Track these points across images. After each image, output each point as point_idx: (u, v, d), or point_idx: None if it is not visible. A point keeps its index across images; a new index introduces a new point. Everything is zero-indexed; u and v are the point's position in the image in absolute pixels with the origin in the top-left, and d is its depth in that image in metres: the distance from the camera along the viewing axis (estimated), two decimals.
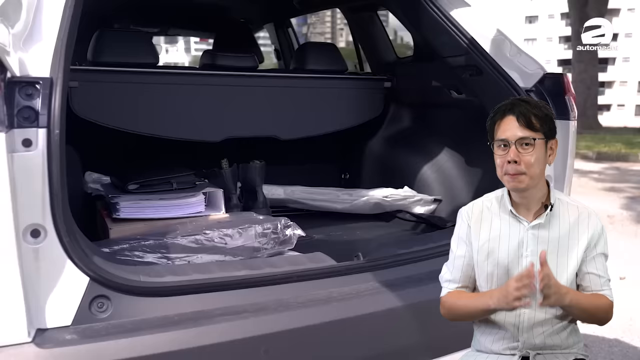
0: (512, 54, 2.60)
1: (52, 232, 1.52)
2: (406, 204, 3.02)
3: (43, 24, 1.73)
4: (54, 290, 1.53)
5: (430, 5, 2.65)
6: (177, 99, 2.73)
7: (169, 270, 1.74)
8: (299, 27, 25.65)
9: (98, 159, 2.77)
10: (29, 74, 1.59)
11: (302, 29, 24.33)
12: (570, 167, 2.49)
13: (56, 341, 1.46)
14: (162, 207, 2.37)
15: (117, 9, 4.28)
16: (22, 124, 1.50)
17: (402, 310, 1.84)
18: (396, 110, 3.36)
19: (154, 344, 1.51)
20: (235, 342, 1.60)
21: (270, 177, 3.10)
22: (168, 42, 23.34)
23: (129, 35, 2.72)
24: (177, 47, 30.92)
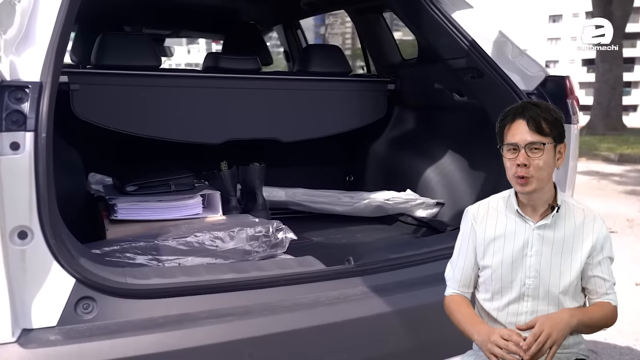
0: (514, 55, 2.56)
1: (38, 234, 1.54)
2: (408, 207, 3.00)
3: (37, 28, 1.76)
4: (40, 291, 1.56)
5: (431, 6, 2.63)
6: (178, 101, 2.75)
7: (156, 272, 1.76)
8: (316, 28, 25.70)
9: (101, 160, 2.81)
10: (19, 78, 1.62)
11: (320, 30, 24.29)
12: (572, 170, 2.45)
13: (40, 341, 1.49)
14: (160, 208, 2.39)
15: (128, 12, 4.34)
16: (10, 127, 1.53)
17: (391, 316, 1.83)
18: (400, 113, 3.34)
19: (136, 346, 1.52)
20: (219, 345, 1.60)
21: (274, 179, 3.12)
22: (190, 42, 23.63)
23: (130, 39, 2.75)
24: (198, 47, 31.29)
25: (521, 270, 1.59)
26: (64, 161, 2.54)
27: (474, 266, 1.67)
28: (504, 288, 1.61)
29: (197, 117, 2.80)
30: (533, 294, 1.59)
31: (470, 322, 1.59)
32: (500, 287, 1.62)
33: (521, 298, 1.60)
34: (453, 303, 1.67)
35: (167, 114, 2.73)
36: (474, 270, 1.68)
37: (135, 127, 2.66)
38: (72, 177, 2.57)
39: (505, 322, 1.61)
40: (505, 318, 1.61)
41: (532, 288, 1.58)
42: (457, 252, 1.72)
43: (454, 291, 1.70)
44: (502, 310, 1.62)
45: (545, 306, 1.58)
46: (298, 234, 2.83)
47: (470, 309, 1.66)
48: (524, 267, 1.58)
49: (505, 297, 1.61)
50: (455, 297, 1.69)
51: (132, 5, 4.13)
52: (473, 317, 1.62)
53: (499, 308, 1.63)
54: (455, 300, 1.68)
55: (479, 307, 1.69)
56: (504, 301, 1.62)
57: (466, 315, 1.62)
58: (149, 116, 2.69)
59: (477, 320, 1.60)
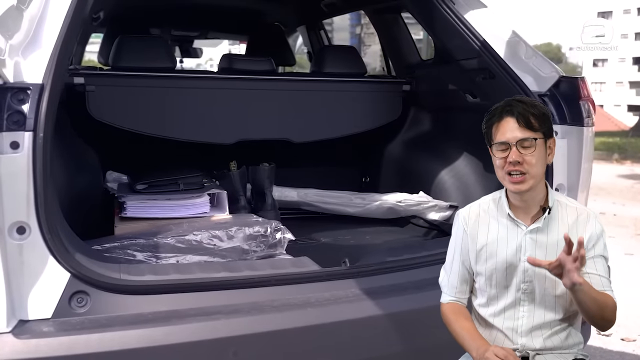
0: (527, 56, 2.50)
1: (35, 230, 1.61)
2: (420, 210, 2.97)
3: (44, 33, 1.84)
4: (36, 285, 1.63)
5: (443, 6, 2.60)
6: (191, 102, 2.81)
7: (150, 269, 1.81)
8: (352, 28, 25.56)
9: (118, 159, 2.90)
10: (23, 80, 1.70)
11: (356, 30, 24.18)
12: (586, 173, 2.38)
13: (33, 332, 1.55)
14: (168, 207, 2.45)
15: (156, 15, 4.46)
16: (10, 127, 1.61)
17: (381, 319, 1.81)
18: (416, 114, 3.31)
19: (123, 340, 1.57)
20: (204, 342, 1.64)
21: (289, 179, 3.14)
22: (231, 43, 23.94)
23: (145, 41, 2.83)
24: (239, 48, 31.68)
25: (516, 275, 1.57)
26: (80, 159, 2.64)
27: (470, 270, 1.65)
28: (499, 293, 1.59)
29: (210, 118, 2.85)
30: (529, 299, 1.57)
31: (470, 337, 1.57)
32: (495, 292, 1.60)
33: (517, 303, 1.58)
34: (451, 313, 1.64)
35: (179, 114, 2.79)
36: (470, 275, 1.65)
37: (148, 127, 2.73)
38: (88, 175, 2.67)
39: (502, 327, 1.59)
40: (502, 323, 1.59)
41: (528, 292, 1.56)
42: (450, 257, 1.69)
43: (451, 298, 1.68)
44: (499, 316, 1.60)
45: (542, 310, 1.56)
46: (307, 234, 2.86)
47: (469, 321, 1.63)
48: (519, 272, 1.56)
49: (501, 302, 1.59)
50: (453, 307, 1.66)
51: (160, 8, 4.24)
52: (472, 331, 1.59)
53: (495, 313, 1.60)
54: (453, 310, 1.65)
55: (475, 313, 1.66)
56: (499, 306, 1.60)
57: (464, 329, 1.60)
58: (162, 117, 2.76)
59: (476, 336, 1.57)
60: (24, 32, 1.82)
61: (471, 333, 1.58)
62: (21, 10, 1.83)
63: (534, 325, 1.56)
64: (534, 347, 1.56)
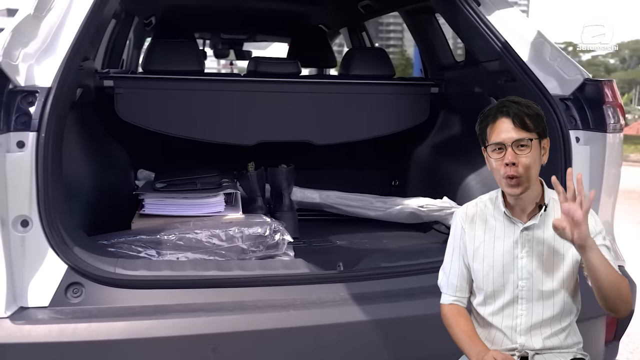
0: (552, 57, 2.38)
1: (37, 223, 1.74)
2: (442, 215, 2.89)
3: (60, 40, 1.98)
4: (36, 274, 1.76)
5: (467, 7, 2.53)
6: (215, 104, 2.90)
7: (144, 264, 1.89)
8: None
9: (147, 158, 3.04)
10: (34, 84, 1.84)
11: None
12: (613, 179, 2.24)
13: (28, 319, 1.68)
14: (184, 205, 2.54)
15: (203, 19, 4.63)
16: (17, 127, 1.75)
17: (366, 325, 1.80)
18: (445, 117, 3.23)
19: (108, 331, 1.66)
20: (185, 337, 1.69)
21: (312, 182, 3.15)
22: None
23: (174, 45, 2.94)
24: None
25: (513, 273, 1.56)
26: (110, 157, 2.80)
27: (468, 268, 1.64)
28: (497, 291, 1.59)
29: (232, 120, 2.92)
30: (527, 296, 1.56)
31: (470, 342, 1.56)
32: (492, 290, 1.59)
33: (515, 301, 1.57)
34: (451, 316, 1.64)
35: (203, 116, 2.88)
36: (469, 273, 1.65)
37: (172, 129, 2.84)
38: (118, 171, 2.82)
39: (501, 326, 1.58)
40: (501, 322, 1.58)
41: (525, 290, 1.56)
42: (449, 257, 1.69)
43: (451, 298, 1.67)
44: (497, 314, 1.59)
45: (541, 307, 1.55)
46: (325, 236, 2.86)
47: (469, 323, 1.62)
48: (516, 269, 1.56)
49: (499, 300, 1.59)
50: (453, 308, 1.65)
51: (208, 12, 4.40)
52: (472, 335, 1.58)
53: (494, 312, 1.60)
54: (453, 313, 1.64)
55: (475, 313, 1.65)
56: (497, 305, 1.59)
57: (464, 333, 1.59)
58: (186, 119, 2.86)
59: (476, 340, 1.57)
60: (42, 39, 1.96)
61: (471, 337, 1.57)
62: (38, 18, 1.97)
63: (533, 323, 1.55)
64: (533, 347, 1.56)
